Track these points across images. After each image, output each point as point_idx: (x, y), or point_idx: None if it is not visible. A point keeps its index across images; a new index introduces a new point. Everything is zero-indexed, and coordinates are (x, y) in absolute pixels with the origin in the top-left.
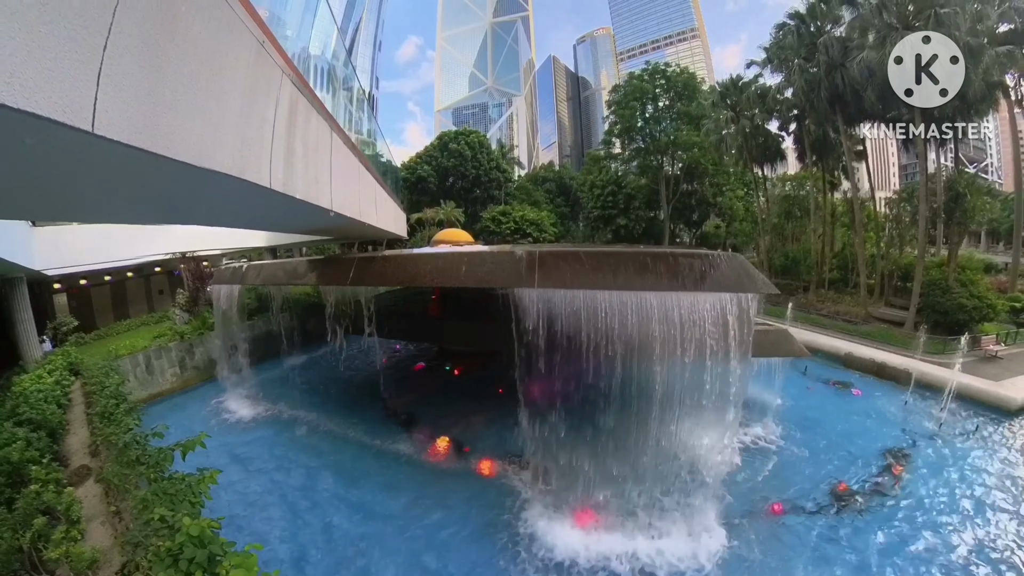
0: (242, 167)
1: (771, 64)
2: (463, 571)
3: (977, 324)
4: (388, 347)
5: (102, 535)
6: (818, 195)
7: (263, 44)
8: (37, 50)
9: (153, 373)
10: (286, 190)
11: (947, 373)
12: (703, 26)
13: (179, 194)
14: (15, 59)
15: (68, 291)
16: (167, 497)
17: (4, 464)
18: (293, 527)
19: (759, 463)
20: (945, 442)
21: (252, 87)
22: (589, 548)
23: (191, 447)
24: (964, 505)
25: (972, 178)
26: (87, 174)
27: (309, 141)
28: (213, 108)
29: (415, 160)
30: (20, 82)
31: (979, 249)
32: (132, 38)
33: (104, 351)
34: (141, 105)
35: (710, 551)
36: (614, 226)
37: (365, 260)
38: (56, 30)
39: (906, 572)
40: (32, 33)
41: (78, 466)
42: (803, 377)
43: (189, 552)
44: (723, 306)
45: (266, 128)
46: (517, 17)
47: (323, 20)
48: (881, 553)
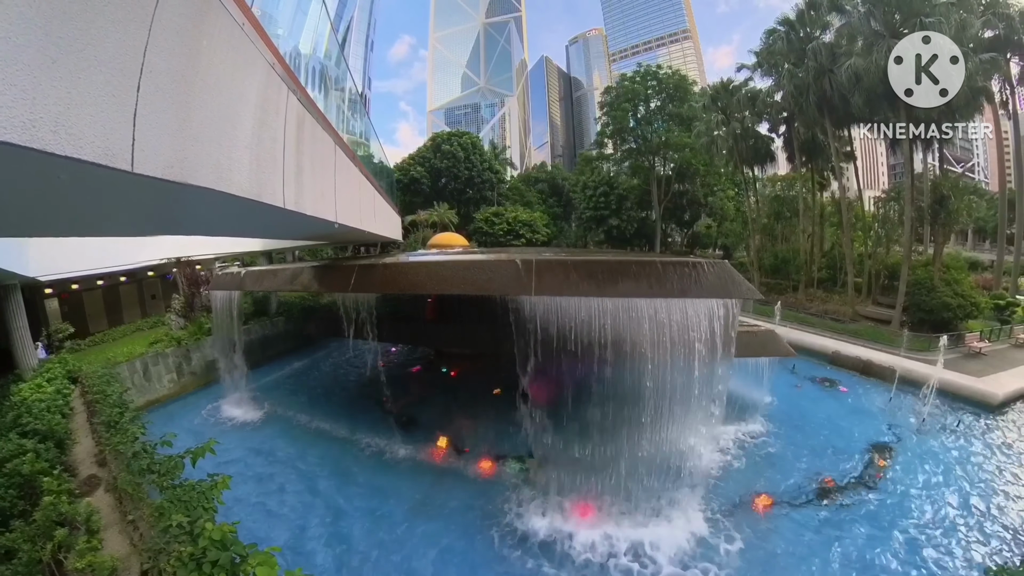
0: (259, 190)
1: (761, 68)
2: (464, 564)
3: (961, 322)
4: (384, 350)
5: (118, 544)
6: (807, 196)
7: (273, 66)
8: (78, 96)
9: (151, 379)
10: (297, 208)
11: (930, 370)
12: (695, 28)
13: (197, 214)
14: (59, 107)
15: (60, 296)
16: (182, 504)
17: (16, 476)
18: (297, 529)
19: (748, 458)
20: (928, 437)
21: (264, 108)
22: (582, 537)
23: (200, 454)
24: (944, 496)
25: (956, 180)
26: (112, 201)
27: (316, 157)
28: (230, 133)
29: (408, 161)
30: (66, 129)
31: (966, 247)
32: (162, 76)
33: (101, 358)
34: (172, 140)
35: (698, 541)
36: (606, 226)
37: (365, 267)
38: (94, 75)
39: (889, 560)
40: (72, 80)
41: (87, 476)
42: (792, 375)
43: (213, 555)
44: (709, 310)
45: (277, 148)
46: (510, 18)
47: (314, 17)
48: (864, 542)
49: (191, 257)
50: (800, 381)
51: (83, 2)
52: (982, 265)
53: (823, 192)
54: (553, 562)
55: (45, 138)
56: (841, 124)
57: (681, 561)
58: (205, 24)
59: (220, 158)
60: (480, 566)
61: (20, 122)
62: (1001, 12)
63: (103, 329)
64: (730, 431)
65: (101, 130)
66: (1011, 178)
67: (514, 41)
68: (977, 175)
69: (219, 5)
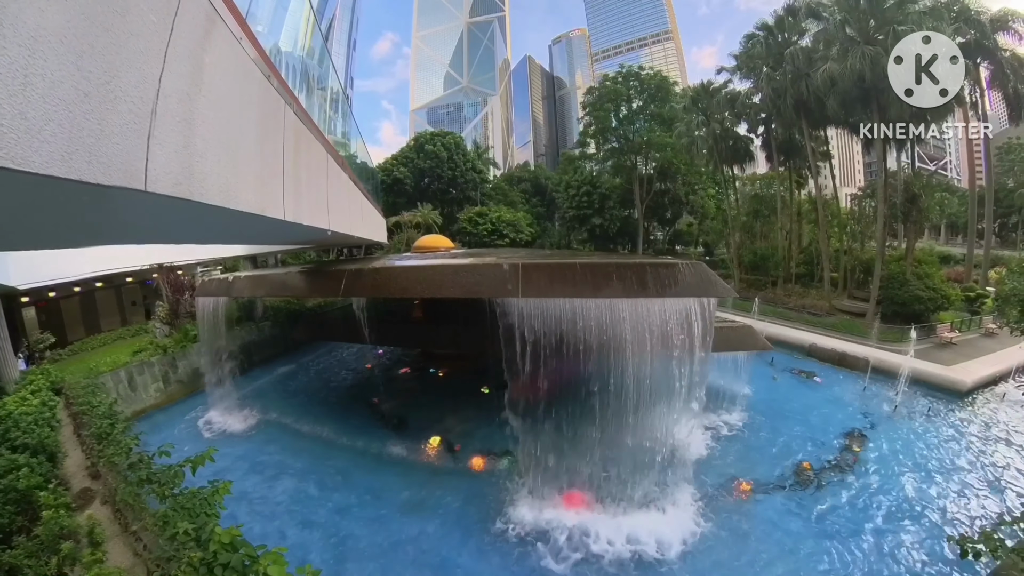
0: (262, 204)
1: (740, 71)
2: (459, 556)
3: (933, 313)
4: (372, 353)
5: (120, 555)
6: (785, 194)
7: (269, 78)
8: (109, 127)
9: (136, 389)
10: (296, 219)
11: (902, 360)
12: (676, 29)
13: (199, 226)
14: (91, 139)
15: (36, 304)
16: (185, 512)
17: (11, 492)
18: (295, 531)
19: (728, 447)
20: (900, 422)
21: (264, 123)
22: (571, 526)
23: (200, 462)
24: (915, 475)
25: (928, 178)
26: (125, 216)
27: (311, 167)
28: (234, 149)
29: (391, 162)
30: (97, 159)
31: (939, 241)
32: (171, 99)
33: (84, 368)
34: (179, 158)
35: (680, 526)
36: (589, 225)
37: (355, 272)
38: (120, 105)
39: (863, 537)
40: (103, 112)
41: (80, 489)
42: (770, 368)
43: (224, 557)
44: (687, 308)
45: (276, 162)
46: (493, 17)
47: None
48: (840, 520)
49: (173, 263)
50: (778, 373)
51: (110, 36)
52: (954, 259)
53: (801, 190)
54: (543, 550)
55: (81, 168)
56: (817, 125)
57: (665, 544)
58: (210, 42)
59: (225, 173)
60: (475, 557)
61: (59, 155)
62: (972, 19)
63: (81, 338)
64: (710, 422)
65: (124, 156)
66: (981, 176)
67: (497, 40)
68: (950, 173)
69: (221, 22)
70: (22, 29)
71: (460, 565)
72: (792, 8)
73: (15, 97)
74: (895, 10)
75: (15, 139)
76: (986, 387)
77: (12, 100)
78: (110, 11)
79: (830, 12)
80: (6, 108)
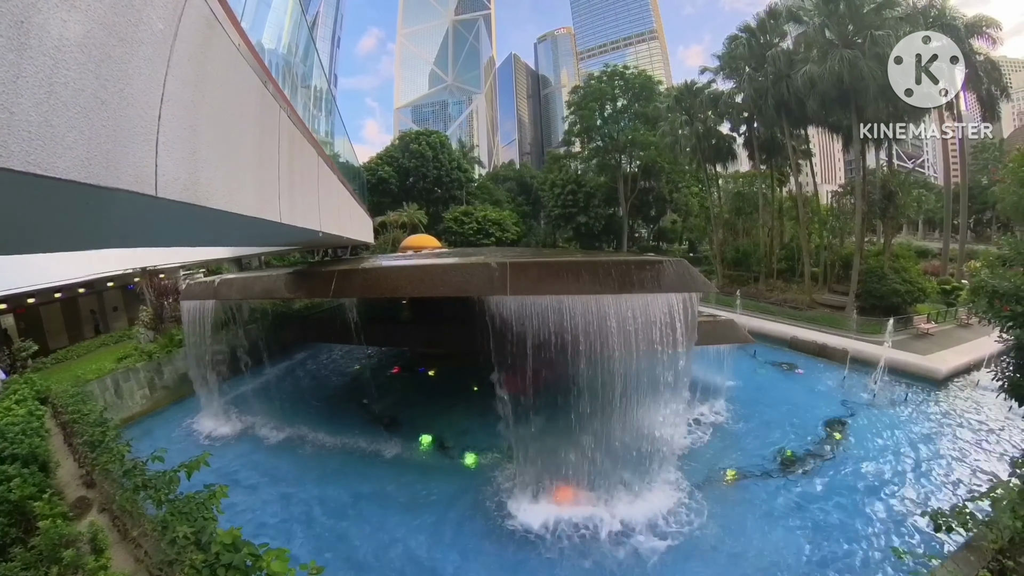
0: (260, 207)
1: (723, 72)
2: (455, 549)
3: (910, 306)
4: (362, 353)
5: (121, 561)
6: (767, 192)
7: (265, 83)
8: (123, 132)
9: (122, 396)
10: (291, 221)
11: (880, 350)
12: (662, 28)
13: (201, 229)
14: (109, 144)
15: (15, 312)
16: (183, 516)
17: (4, 503)
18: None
19: (713, 437)
20: (878, 410)
21: (261, 127)
22: (562, 518)
23: (195, 467)
24: (893, 458)
25: (906, 176)
26: (122, 219)
27: (304, 170)
28: (234, 153)
29: (376, 161)
30: (115, 164)
31: (917, 237)
32: (176, 104)
33: (69, 376)
34: (186, 163)
35: (669, 512)
36: (575, 224)
37: (345, 273)
38: (131, 111)
39: (845, 515)
40: (118, 118)
41: (76, 498)
42: (752, 360)
43: (227, 557)
44: (670, 304)
45: (273, 164)
46: (479, 15)
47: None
48: (823, 503)
49: (156, 266)
50: (760, 365)
51: (125, 46)
52: (932, 253)
53: (782, 188)
54: (536, 542)
55: (99, 174)
56: (798, 125)
57: (654, 531)
58: (210, 47)
59: (226, 177)
60: (470, 550)
61: (80, 161)
62: (948, 24)
63: (64, 345)
64: (695, 413)
65: (134, 160)
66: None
67: (483, 39)
68: (927, 170)
69: (220, 29)
70: (47, 39)
71: (451, 561)
72: (774, 12)
73: (41, 105)
74: (873, 15)
75: (41, 146)
76: (960, 375)
77: (39, 108)
78: (124, 20)
79: (810, 16)
80: (33, 116)
